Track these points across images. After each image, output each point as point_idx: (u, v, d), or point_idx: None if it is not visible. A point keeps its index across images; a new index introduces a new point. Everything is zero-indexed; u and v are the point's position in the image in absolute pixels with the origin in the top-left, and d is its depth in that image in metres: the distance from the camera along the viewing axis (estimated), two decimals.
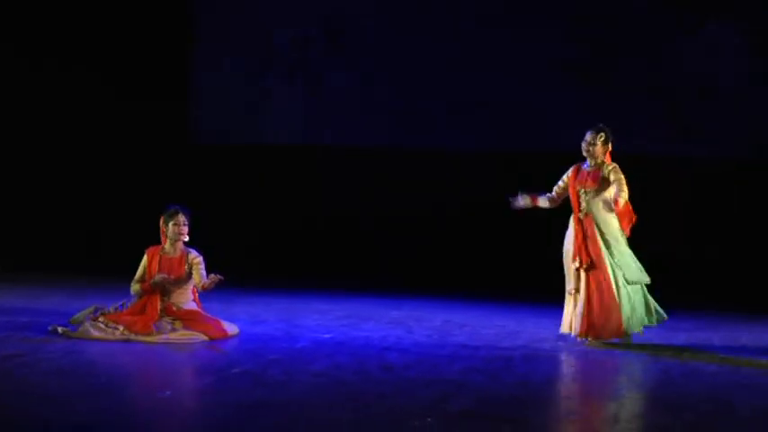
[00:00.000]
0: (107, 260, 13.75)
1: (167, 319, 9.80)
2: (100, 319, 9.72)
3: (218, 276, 9.74)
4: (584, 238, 9.96)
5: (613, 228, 9.97)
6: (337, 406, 7.46)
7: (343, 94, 14.98)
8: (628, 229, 10.03)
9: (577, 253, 9.95)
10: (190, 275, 9.96)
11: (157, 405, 7.42)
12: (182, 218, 10.01)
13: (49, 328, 9.88)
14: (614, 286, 9.87)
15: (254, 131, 15.21)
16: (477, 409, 7.52)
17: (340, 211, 14.93)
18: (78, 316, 10.05)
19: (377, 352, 9.45)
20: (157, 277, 9.86)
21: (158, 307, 9.83)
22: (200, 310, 10.03)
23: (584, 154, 10.07)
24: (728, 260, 14.03)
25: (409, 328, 10.82)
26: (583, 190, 10.04)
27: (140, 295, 9.94)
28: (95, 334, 9.59)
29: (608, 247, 9.94)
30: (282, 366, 8.69)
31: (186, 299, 9.98)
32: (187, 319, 9.81)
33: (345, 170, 14.99)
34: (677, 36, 14.25)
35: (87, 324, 9.68)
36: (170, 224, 10.00)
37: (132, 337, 9.56)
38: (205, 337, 9.68)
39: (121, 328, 9.62)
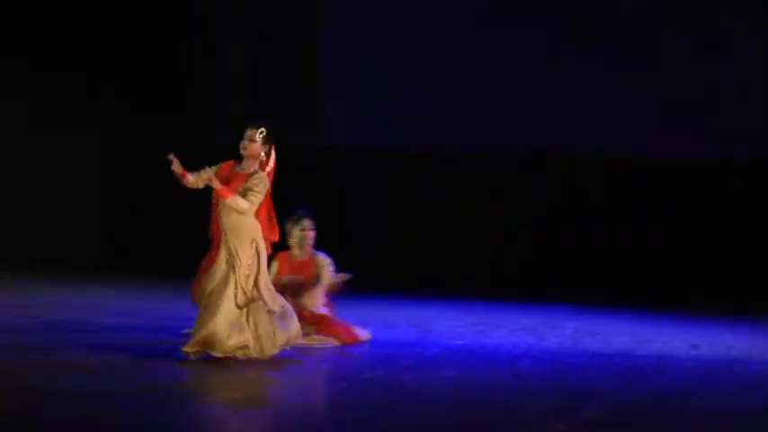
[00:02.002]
0: None
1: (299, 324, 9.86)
2: None
3: (347, 275, 9.77)
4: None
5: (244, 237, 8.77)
6: (468, 413, 7.45)
7: (466, 100, 14.91)
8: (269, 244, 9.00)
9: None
10: (318, 279, 10.01)
11: (288, 410, 7.48)
12: (307, 223, 10.08)
13: (184, 331, 10.01)
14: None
15: (384, 135, 15.21)
16: (608, 416, 7.44)
17: (470, 217, 14.86)
18: None
19: (508, 359, 9.41)
20: (285, 279, 9.94)
21: None
22: (331, 315, 10.08)
23: (242, 152, 8.82)
24: None
25: (541, 335, 10.75)
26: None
27: None
28: None
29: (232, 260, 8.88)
30: (414, 372, 8.69)
31: (316, 303, 10.03)
32: (319, 324, 9.86)
33: (473, 176, 14.92)
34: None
35: None
36: (296, 230, 10.07)
37: None
38: (337, 343, 9.73)
39: None
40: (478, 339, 10.42)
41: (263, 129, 8.79)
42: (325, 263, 10.01)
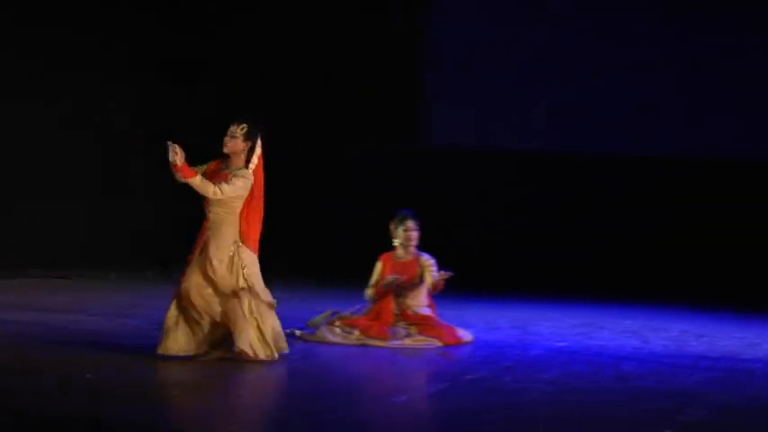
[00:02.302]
0: (342, 265, 13.93)
1: (402, 324, 9.87)
2: (336, 324, 9.86)
3: (448, 273, 9.75)
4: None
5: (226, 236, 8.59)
6: (570, 415, 7.39)
7: (569, 100, 14.83)
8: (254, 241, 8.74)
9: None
10: (422, 279, 10.01)
11: (391, 409, 7.49)
12: (411, 223, 10.07)
13: (287, 331, 10.08)
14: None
15: (486, 135, 15.19)
16: (714, 420, 7.34)
17: (571, 218, 14.77)
18: (316, 319, 10.23)
19: (612, 361, 9.33)
20: (389, 278, 9.95)
21: (393, 312, 9.92)
22: (434, 315, 10.07)
23: (224, 149, 8.61)
24: None
25: (645, 337, 10.64)
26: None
27: (374, 300, 10.05)
28: (332, 338, 9.74)
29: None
30: (516, 374, 8.66)
31: (420, 303, 10.03)
32: (422, 324, 9.86)
33: (575, 177, 14.83)
34: None
35: (324, 328, 9.85)
36: (400, 229, 10.08)
37: (368, 341, 9.67)
38: (440, 344, 9.72)
39: (357, 332, 9.75)
40: (581, 341, 10.35)
41: (244, 125, 8.55)
42: (429, 263, 10.00)
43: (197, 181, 8.40)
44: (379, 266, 10.12)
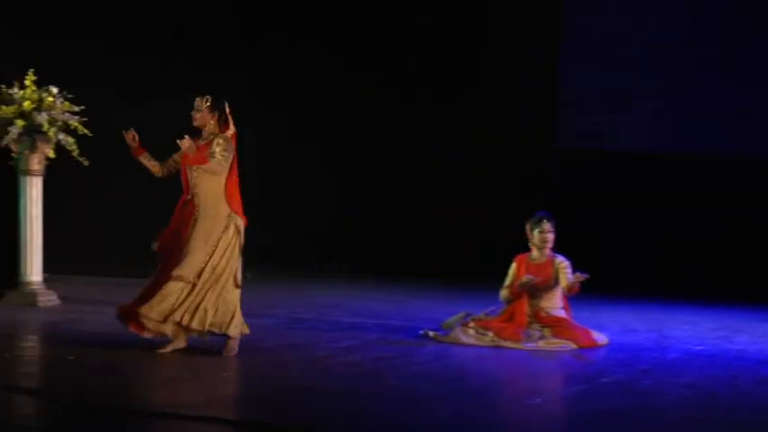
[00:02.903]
0: (476, 266, 13.92)
1: (536, 326, 9.82)
2: (470, 325, 9.85)
3: (583, 275, 9.66)
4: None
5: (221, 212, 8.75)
6: (708, 419, 7.27)
7: (706, 102, 14.60)
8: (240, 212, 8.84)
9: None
10: (557, 281, 9.94)
11: (525, 411, 7.45)
12: (547, 225, 10.01)
13: (421, 332, 10.11)
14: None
15: (616, 137, 15.04)
16: None
17: (711, 220, 14.53)
18: (450, 321, 10.23)
19: (752, 365, 9.16)
20: (524, 278, 9.90)
21: (527, 314, 9.87)
22: (569, 317, 9.99)
23: (194, 123, 8.86)
24: None
25: None
26: (190, 167, 8.80)
27: (509, 301, 10.01)
28: (465, 339, 9.72)
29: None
30: (653, 377, 8.55)
31: (554, 305, 9.97)
32: (556, 326, 9.80)
33: (708, 180, 14.61)
34: None
35: (458, 329, 9.84)
36: (535, 231, 10.02)
37: (501, 343, 9.64)
38: (574, 346, 9.64)
39: (491, 333, 9.72)
40: (720, 344, 10.18)
41: (207, 97, 8.81)
42: (564, 265, 9.92)
43: (202, 166, 8.68)
44: (513, 268, 10.07)
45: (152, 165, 8.95)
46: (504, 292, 10.05)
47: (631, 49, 14.92)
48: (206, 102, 8.81)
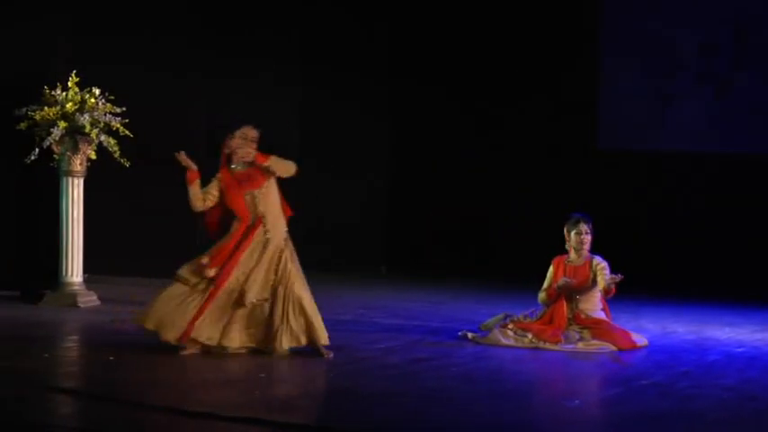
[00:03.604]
0: (515, 268, 13.89)
1: (575, 328, 9.79)
2: (509, 327, 9.84)
3: (618, 276, 9.62)
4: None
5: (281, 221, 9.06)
6: (744, 422, 7.24)
7: (751, 101, 14.50)
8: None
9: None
10: (594, 282, 9.91)
11: (564, 413, 7.43)
12: (584, 227, 9.98)
13: (460, 333, 10.11)
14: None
15: (657, 138, 14.98)
16: None
17: (748, 219, 14.45)
18: (489, 322, 10.22)
19: None
20: (561, 281, 9.88)
21: (566, 316, 9.85)
22: (608, 319, 9.96)
23: (241, 151, 8.96)
24: None
25: None
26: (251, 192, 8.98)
27: (547, 303, 9.99)
28: (504, 341, 9.71)
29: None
30: (692, 379, 8.50)
31: (594, 306, 9.94)
32: (595, 328, 9.77)
33: (750, 180, 14.51)
34: None
35: (497, 331, 9.83)
36: (572, 233, 10.00)
37: (541, 344, 9.62)
38: (613, 348, 9.60)
39: (530, 335, 9.71)
40: (760, 347, 10.10)
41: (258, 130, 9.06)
42: (602, 266, 9.89)
43: (276, 161, 8.95)
44: (551, 270, 10.06)
45: (198, 196, 9.00)
46: (542, 295, 10.03)
47: (674, 49, 14.87)
48: (257, 134, 8.98)
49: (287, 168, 9.00)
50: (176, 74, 12.80)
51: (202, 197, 9.00)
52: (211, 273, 8.84)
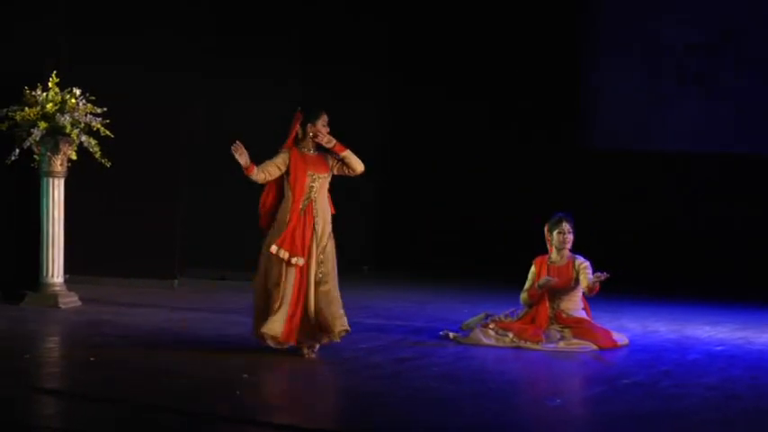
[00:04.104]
0: (496, 267, 13.90)
1: (556, 327, 9.81)
2: (490, 326, 9.85)
3: (603, 275, 9.63)
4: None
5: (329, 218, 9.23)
6: (729, 421, 7.26)
7: (739, 100, 14.56)
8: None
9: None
10: (577, 281, 9.92)
11: (546, 413, 7.44)
12: (566, 226, 9.99)
13: (441, 333, 10.12)
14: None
15: (646, 138, 15.03)
16: None
17: (732, 219, 14.50)
18: (470, 322, 10.24)
19: None
20: (542, 280, 9.89)
21: (548, 315, 9.86)
22: (589, 318, 9.98)
23: (322, 135, 9.14)
24: None
25: None
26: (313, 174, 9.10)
27: (529, 304, 10.00)
28: (485, 341, 9.72)
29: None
30: (674, 378, 8.53)
31: (575, 306, 9.96)
32: (576, 327, 9.79)
33: (745, 179, 14.57)
34: None
35: (478, 330, 9.84)
36: (555, 232, 10.01)
37: (522, 344, 9.64)
38: (594, 347, 9.63)
39: (511, 335, 9.72)
40: (741, 345, 10.13)
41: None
42: (584, 265, 9.90)
43: (351, 154, 9.20)
44: (533, 270, 10.07)
45: (260, 176, 9.08)
46: (523, 296, 10.05)
47: (666, 48, 14.91)
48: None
49: (359, 163, 9.21)
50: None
51: (263, 175, 9.09)
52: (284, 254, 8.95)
